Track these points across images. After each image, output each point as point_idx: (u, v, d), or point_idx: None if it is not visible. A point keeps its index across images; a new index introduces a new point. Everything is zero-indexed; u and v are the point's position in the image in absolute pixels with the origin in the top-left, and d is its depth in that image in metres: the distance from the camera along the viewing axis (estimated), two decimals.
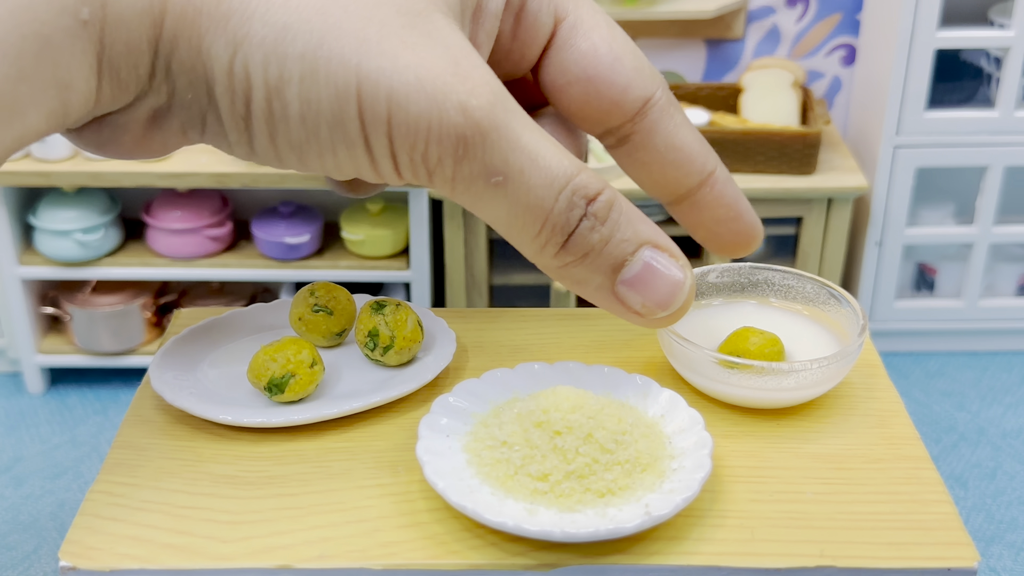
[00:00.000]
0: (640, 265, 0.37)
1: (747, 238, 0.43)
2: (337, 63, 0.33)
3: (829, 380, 0.45)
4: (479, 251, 1.83)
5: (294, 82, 0.33)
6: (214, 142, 0.36)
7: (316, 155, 0.35)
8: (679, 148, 0.41)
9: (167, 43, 0.33)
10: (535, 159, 0.35)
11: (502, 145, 0.34)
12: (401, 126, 0.33)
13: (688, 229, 0.43)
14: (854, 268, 1.96)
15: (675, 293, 0.38)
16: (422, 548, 0.39)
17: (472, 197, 0.35)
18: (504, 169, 0.34)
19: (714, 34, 1.98)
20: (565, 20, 0.40)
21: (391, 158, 0.34)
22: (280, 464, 0.43)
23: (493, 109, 0.34)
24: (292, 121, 0.34)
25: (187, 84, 0.34)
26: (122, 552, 0.39)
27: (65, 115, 0.32)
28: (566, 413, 0.40)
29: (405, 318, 0.47)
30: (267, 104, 0.33)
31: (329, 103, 0.33)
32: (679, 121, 0.41)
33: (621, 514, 0.38)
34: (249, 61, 0.33)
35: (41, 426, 1.87)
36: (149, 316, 1.89)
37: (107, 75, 0.33)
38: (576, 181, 0.35)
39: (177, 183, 1.75)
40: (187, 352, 0.48)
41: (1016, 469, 1.75)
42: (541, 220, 0.36)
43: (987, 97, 1.86)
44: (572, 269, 0.37)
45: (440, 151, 0.34)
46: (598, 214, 0.36)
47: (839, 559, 0.38)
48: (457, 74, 0.33)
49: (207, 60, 0.33)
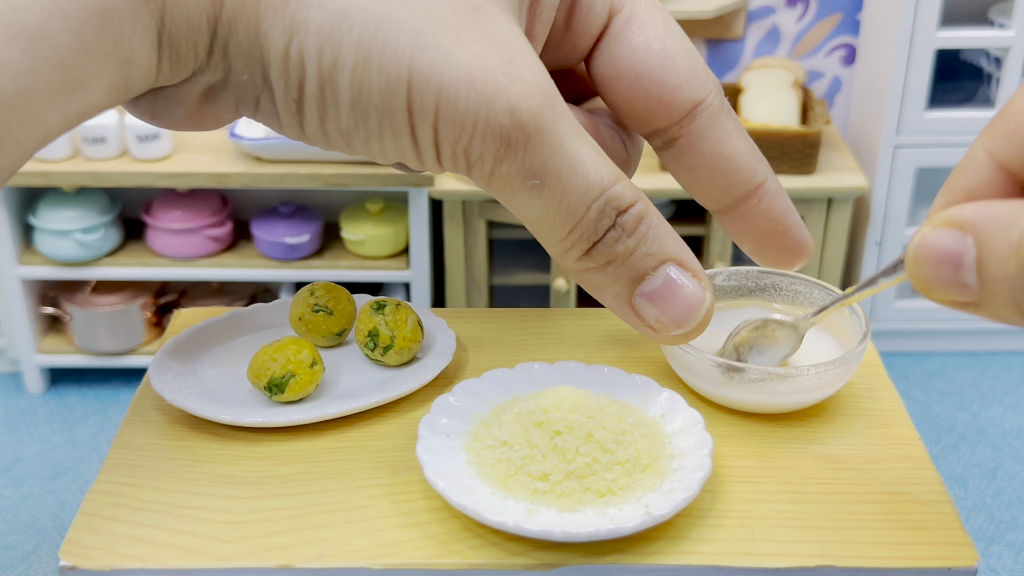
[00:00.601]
0: (661, 280, 0.37)
1: (795, 254, 0.42)
2: (391, 54, 0.33)
3: (830, 385, 0.45)
4: (479, 251, 1.83)
5: (347, 70, 0.33)
6: (265, 121, 0.36)
7: (363, 141, 0.35)
8: (728, 156, 0.40)
9: (226, 24, 0.33)
10: (574, 166, 0.35)
11: (544, 149, 0.34)
12: (448, 120, 0.34)
13: (735, 239, 0.43)
14: (854, 268, 1.96)
15: (692, 312, 0.38)
16: (422, 548, 0.39)
17: (507, 194, 0.36)
18: (542, 173, 0.35)
19: (714, 34, 1.98)
20: (620, 13, 0.39)
21: (434, 148, 0.35)
22: (280, 464, 0.43)
23: (541, 112, 0.34)
24: (342, 108, 0.34)
25: (243, 65, 0.34)
26: (122, 552, 0.39)
27: (126, 89, 0.33)
28: (566, 413, 0.40)
29: (405, 318, 0.47)
30: (319, 90, 0.34)
31: (380, 92, 0.33)
32: (730, 128, 0.40)
33: (621, 514, 0.38)
34: (304, 47, 0.33)
35: (41, 426, 1.87)
36: (149, 316, 1.89)
37: (167, 51, 0.33)
38: (611, 191, 0.36)
39: (177, 183, 1.75)
40: (187, 352, 0.48)
41: (1016, 469, 1.75)
42: (570, 225, 0.36)
43: (987, 97, 1.86)
44: (593, 275, 0.37)
45: (483, 148, 0.34)
46: (626, 225, 0.36)
47: (839, 559, 0.38)
48: (510, 73, 0.34)
49: (264, 43, 0.34)
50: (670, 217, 1.87)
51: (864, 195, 1.88)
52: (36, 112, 0.31)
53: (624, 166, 0.42)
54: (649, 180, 1.72)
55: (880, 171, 1.85)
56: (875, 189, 1.86)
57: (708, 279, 0.38)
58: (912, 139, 1.83)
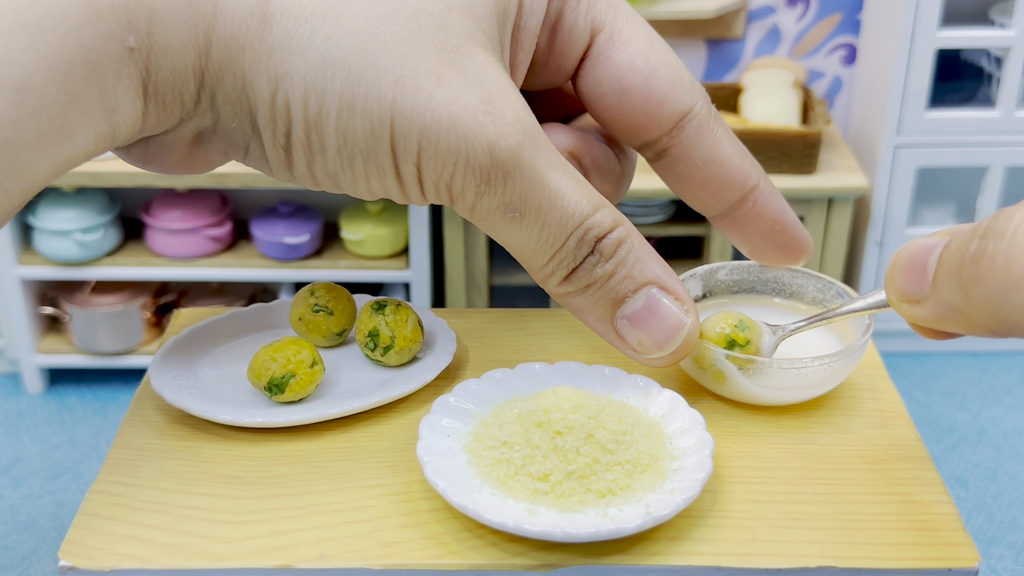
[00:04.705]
0: (642, 303, 0.38)
1: (794, 251, 0.43)
2: (373, 99, 0.34)
3: (833, 379, 0.45)
4: (479, 251, 1.83)
5: (332, 117, 0.34)
6: (255, 165, 0.38)
7: (350, 182, 0.36)
8: (719, 163, 0.40)
9: (213, 74, 0.34)
10: (553, 198, 0.36)
11: (523, 184, 0.35)
12: (430, 159, 0.35)
13: (735, 244, 0.43)
14: (855, 268, 1.96)
15: (673, 336, 0.39)
16: (422, 548, 0.39)
17: (489, 225, 0.37)
18: (521, 206, 0.36)
19: (714, 34, 1.98)
20: (602, 31, 0.40)
21: (418, 185, 0.36)
22: (280, 464, 0.43)
23: (520, 149, 0.35)
24: (329, 153, 0.35)
25: (231, 113, 0.35)
26: (122, 552, 0.39)
27: (112, 137, 0.34)
28: (567, 413, 0.40)
29: (405, 318, 0.47)
30: (306, 137, 0.35)
31: (364, 137, 0.34)
32: (719, 135, 0.40)
33: (622, 514, 0.38)
34: (291, 96, 0.34)
35: (40, 426, 1.87)
36: (149, 316, 1.89)
37: (153, 100, 0.34)
38: (590, 220, 0.37)
39: (176, 183, 1.75)
40: (187, 352, 0.48)
41: (1017, 470, 1.75)
42: (550, 254, 0.37)
43: (988, 97, 1.86)
44: (573, 299, 0.38)
45: (464, 184, 0.35)
46: (604, 250, 0.37)
47: (840, 560, 0.38)
48: (489, 112, 0.34)
49: (251, 93, 0.34)
50: (670, 217, 1.86)
51: (864, 195, 1.88)
52: (23, 161, 0.31)
53: (619, 180, 0.42)
54: (649, 180, 1.72)
55: (880, 171, 1.85)
56: (876, 189, 1.86)
57: (692, 302, 0.39)
58: (913, 139, 1.82)
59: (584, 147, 0.41)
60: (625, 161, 0.43)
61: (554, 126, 0.41)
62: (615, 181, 0.42)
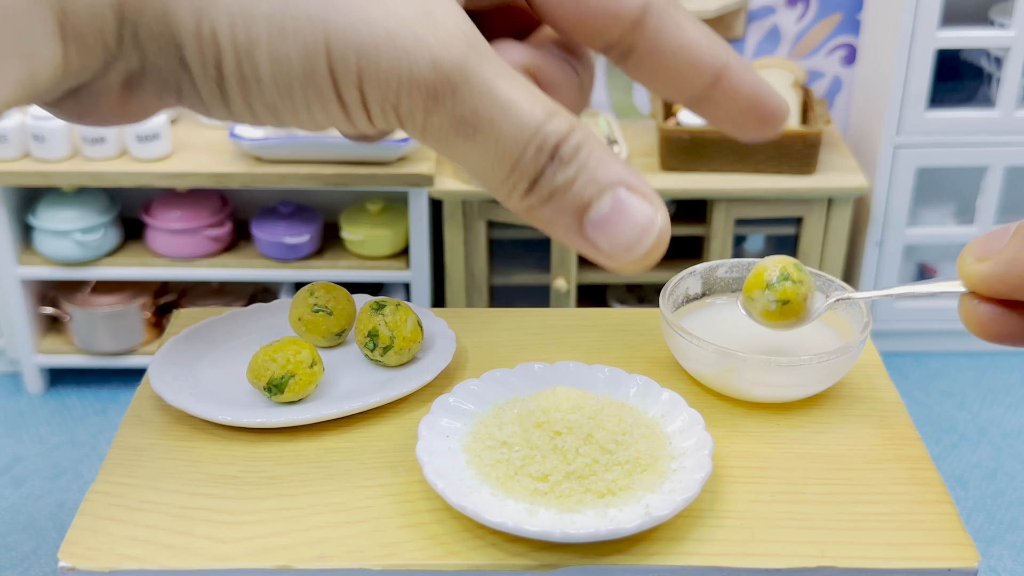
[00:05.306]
0: (608, 206, 0.37)
1: (773, 120, 0.42)
2: (304, 20, 0.33)
3: (832, 375, 0.45)
4: (479, 251, 1.83)
5: (262, 43, 0.33)
6: (191, 106, 0.36)
7: (291, 112, 0.35)
8: (687, 48, 0.40)
9: (132, 8, 0.33)
10: (506, 109, 0.35)
11: (473, 97, 0.34)
12: (372, 80, 0.33)
13: (714, 125, 0.43)
14: (854, 268, 1.96)
15: (643, 235, 0.38)
16: (422, 548, 0.39)
17: (442, 145, 0.35)
18: (473, 120, 0.34)
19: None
20: None
21: (363, 109, 0.34)
22: (280, 464, 0.43)
23: (465, 60, 0.34)
24: (265, 82, 0.34)
25: (157, 50, 0.34)
26: (121, 552, 0.38)
27: (33, 85, 0.32)
28: (566, 413, 0.40)
29: (405, 318, 0.47)
30: (238, 67, 0.33)
31: (299, 61, 0.33)
32: (680, 21, 0.40)
33: (621, 514, 0.38)
34: (216, 25, 0.33)
35: (40, 426, 1.87)
36: (148, 316, 1.89)
37: (72, 42, 0.33)
38: (547, 128, 0.35)
39: (177, 183, 1.75)
40: (187, 352, 0.48)
41: (1017, 469, 1.75)
42: (508, 167, 0.35)
43: (987, 97, 1.86)
44: (539, 211, 0.37)
45: (411, 103, 0.34)
46: (563, 156, 0.36)
47: (839, 559, 0.38)
48: (429, 24, 0.33)
49: (174, 25, 0.33)
50: (670, 217, 1.86)
51: (864, 195, 1.88)
52: None
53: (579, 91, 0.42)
54: (649, 180, 1.72)
55: (880, 171, 1.85)
56: (875, 189, 1.86)
57: (660, 200, 0.38)
58: (912, 139, 1.83)
59: (540, 61, 0.40)
60: (584, 72, 0.42)
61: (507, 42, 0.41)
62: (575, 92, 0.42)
